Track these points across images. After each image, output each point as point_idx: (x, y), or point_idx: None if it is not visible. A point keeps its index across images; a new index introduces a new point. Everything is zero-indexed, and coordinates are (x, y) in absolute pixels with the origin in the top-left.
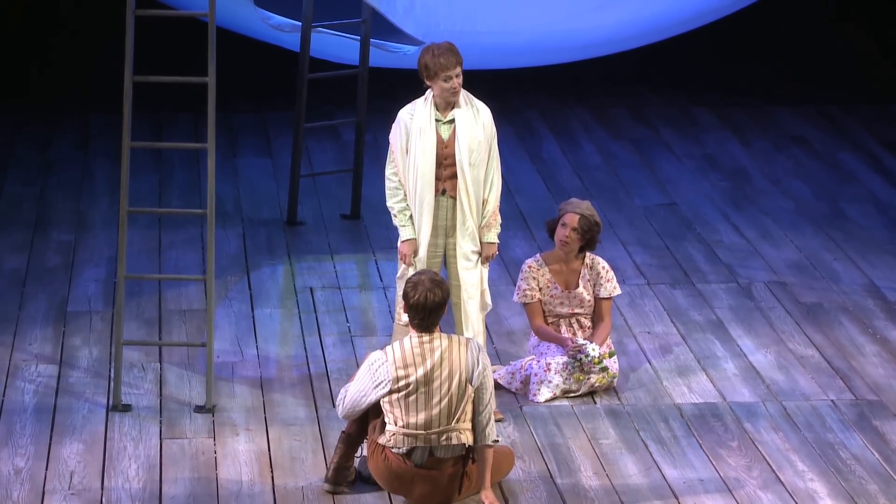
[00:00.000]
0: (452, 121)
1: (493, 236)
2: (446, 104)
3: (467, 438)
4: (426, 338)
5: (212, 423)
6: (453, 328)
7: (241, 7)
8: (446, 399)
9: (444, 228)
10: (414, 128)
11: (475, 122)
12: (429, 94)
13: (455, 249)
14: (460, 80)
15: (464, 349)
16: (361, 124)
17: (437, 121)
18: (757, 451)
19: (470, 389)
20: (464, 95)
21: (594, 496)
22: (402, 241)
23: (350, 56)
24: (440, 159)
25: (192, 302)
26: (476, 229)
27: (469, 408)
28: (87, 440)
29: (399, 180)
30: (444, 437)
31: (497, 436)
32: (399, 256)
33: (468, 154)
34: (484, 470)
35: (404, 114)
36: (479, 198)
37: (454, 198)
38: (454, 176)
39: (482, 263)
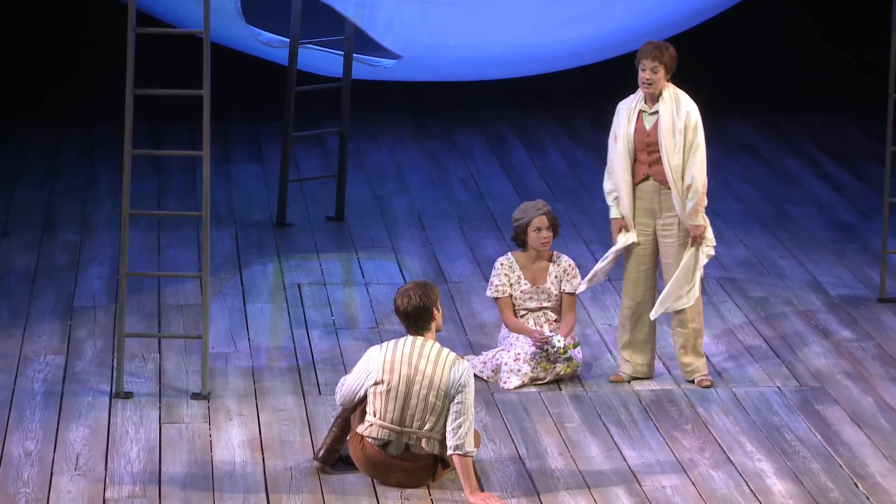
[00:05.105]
0: (657, 112)
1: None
2: (649, 97)
3: (433, 448)
4: (419, 342)
5: (207, 408)
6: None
7: (233, 24)
8: (422, 404)
9: (652, 210)
10: (622, 115)
11: (676, 116)
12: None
13: (664, 230)
14: (657, 76)
15: (448, 366)
16: (345, 133)
17: (641, 111)
18: (709, 433)
19: (446, 405)
20: (671, 91)
21: (559, 475)
22: (611, 219)
23: (334, 70)
24: (643, 146)
25: (189, 297)
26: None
27: (442, 421)
28: (91, 425)
29: (611, 165)
30: (413, 438)
31: (470, 448)
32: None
33: (669, 141)
34: (461, 478)
35: (620, 105)
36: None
37: (659, 182)
38: (659, 161)
39: (690, 245)
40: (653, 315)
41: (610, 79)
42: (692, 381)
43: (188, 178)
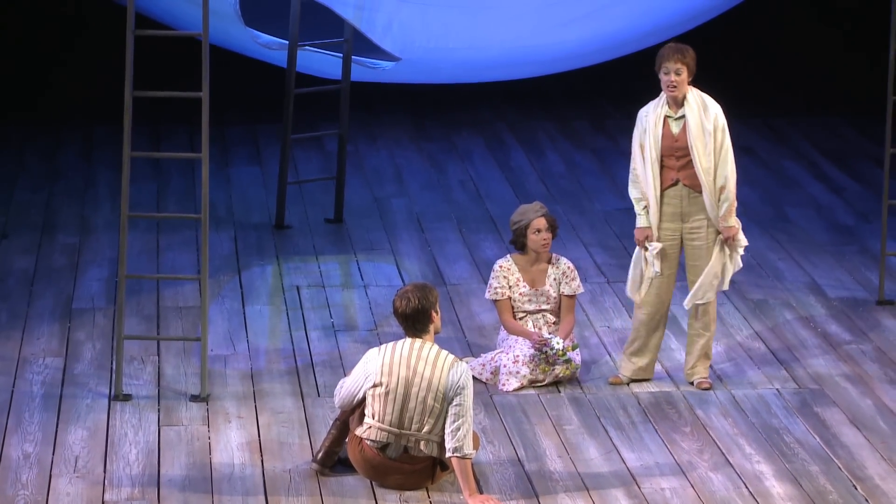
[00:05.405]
0: (683, 117)
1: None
2: (673, 101)
3: (432, 450)
4: (417, 344)
5: (206, 411)
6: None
7: (232, 27)
8: (420, 406)
9: (679, 215)
10: (647, 123)
11: (705, 118)
12: (664, 95)
13: (692, 233)
14: (681, 77)
15: (447, 368)
16: (344, 135)
17: (667, 117)
18: (708, 435)
19: (444, 407)
20: (695, 94)
21: (558, 478)
22: (636, 227)
23: (333, 72)
24: (671, 151)
25: (188, 299)
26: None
27: (441, 423)
28: (90, 427)
29: (635, 173)
30: (412, 440)
31: (469, 451)
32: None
33: (700, 145)
34: (460, 480)
35: (641, 112)
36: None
37: (688, 186)
38: (688, 166)
39: (723, 244)
40: (687, 305)
41: (609, 81)
42: (691, 383)
43: (187, 181)
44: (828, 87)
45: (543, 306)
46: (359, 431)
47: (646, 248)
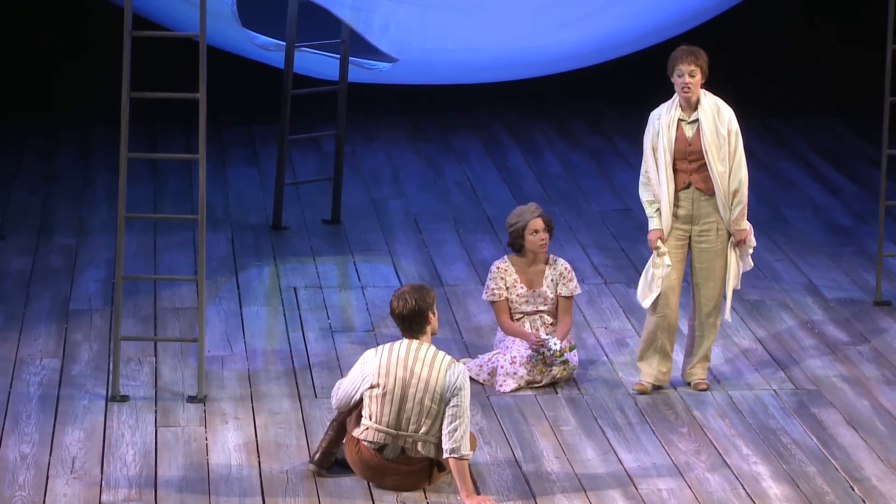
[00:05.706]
0: (696, 120)
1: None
2: (686, 104)
3: (429, 451)
4: (414, 345)
5: (203, 412)
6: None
7: (229, 28)
8: (417, 407)
9: (689, 217)
10: (660, 125)
11: (719, 122)
12: (676, 97)
13: (701, 236)
14: (695, 79)
15: (444, 369)
16: (341, 136)
17: (680, 120)
18: (705, 436)
19: (441, 408)
20: (709, 98)
21: (556, 479)
22: (650, 230)
23: (330, 73)
24: (683, 155)
25: (185, 300)
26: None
27: (438, 424)
28: (87, 428)
29: (647, 176)
30: (409, 441)
31: (466, 452)
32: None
33: (714, 149)
34: (457, 481)
35: (653, 114)
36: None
37: (700, 189)
38: (701, 169)
39: (734, 246)
40: (728, 316)
41: (606, 82)
42: (688, 384)
43: (184, 182)
44: (825, 88)
45: (541, 307)
46: (356, 433)
47: (657, 248)
